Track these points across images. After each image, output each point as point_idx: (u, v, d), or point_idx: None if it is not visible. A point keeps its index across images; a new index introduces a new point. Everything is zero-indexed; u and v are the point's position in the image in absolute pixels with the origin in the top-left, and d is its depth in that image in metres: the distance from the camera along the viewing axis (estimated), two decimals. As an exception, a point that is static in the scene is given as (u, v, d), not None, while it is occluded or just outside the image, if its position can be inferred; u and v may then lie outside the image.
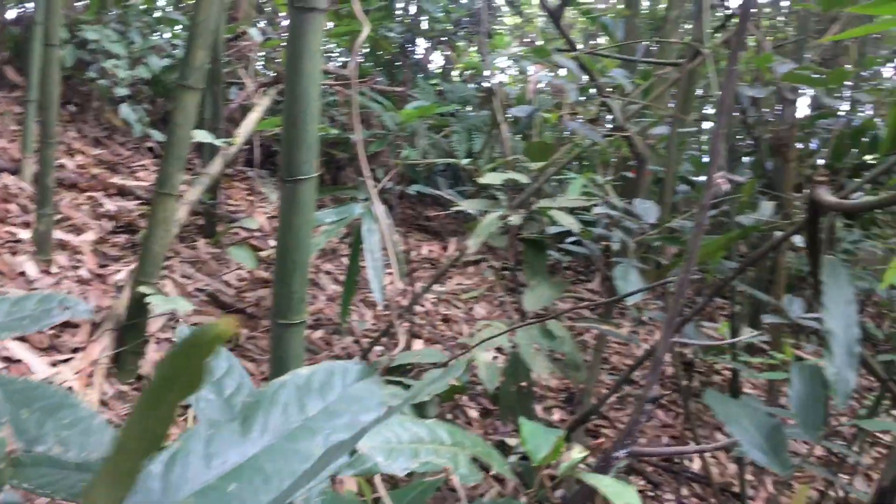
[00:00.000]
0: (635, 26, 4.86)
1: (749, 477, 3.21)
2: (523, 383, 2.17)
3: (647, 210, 2.16)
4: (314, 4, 1.60)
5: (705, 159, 6.01)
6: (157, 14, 5.05)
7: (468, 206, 2.28)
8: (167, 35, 4.87)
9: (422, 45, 6.25)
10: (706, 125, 5.82)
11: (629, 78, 2.57)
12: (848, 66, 4.71)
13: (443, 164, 4.84)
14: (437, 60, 6.46)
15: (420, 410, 1.91)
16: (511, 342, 2.08)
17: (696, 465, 3.09)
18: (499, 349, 2.72)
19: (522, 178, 2.27)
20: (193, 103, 2.33)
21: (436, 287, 4.12)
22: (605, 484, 0.83)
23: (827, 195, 1.63)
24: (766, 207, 1.95)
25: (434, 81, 5.73)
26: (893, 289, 2.92)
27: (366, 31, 1.53)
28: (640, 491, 2.88)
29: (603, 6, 7.90)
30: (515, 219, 2.20)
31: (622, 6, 5.54)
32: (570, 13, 6.80)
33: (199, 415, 0.85)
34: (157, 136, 4.08)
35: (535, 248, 2.24)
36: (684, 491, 2.95)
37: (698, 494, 2.98)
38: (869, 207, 1.47)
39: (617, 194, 2.84)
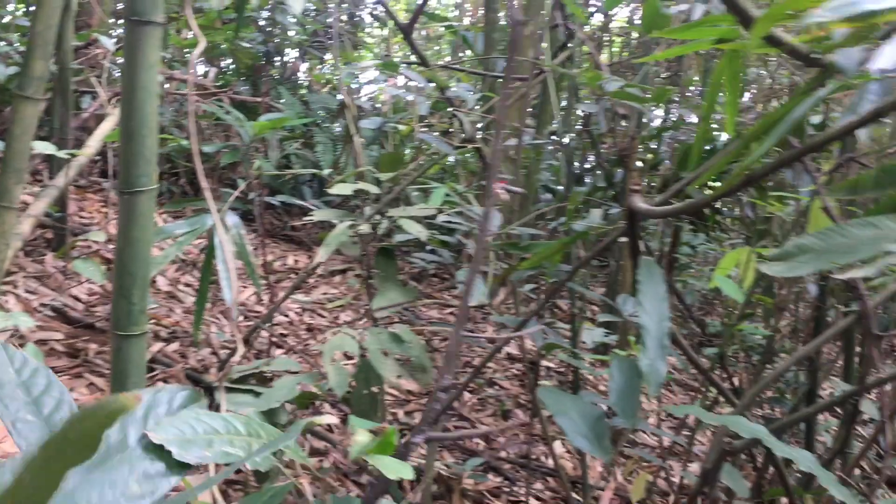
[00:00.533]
0: (494, 41, 5.03)
1: (600, 469, 3.41)
2: (376, 387, 2.23)
3: (489, 217, 2.27)
4: (150, 17, 1.61)
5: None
6: (5, 20, 4.83)
7: (320, 215, 2.33)
8: (14, 42, 4.66)
9: (291, 55, 6.24)
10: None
11: (472, 92, 2.69)
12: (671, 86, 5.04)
13: (309, 175, 4.86)
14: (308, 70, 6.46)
15: (269, 417, 1.94)
16: (361, 347, 2.14)
17: (551, 462, 3.24)
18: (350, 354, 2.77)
19: (373, 189, 2.34)
20: (33, 114, 2.28)
21: (301, 297, 4.13)
22: (383, 463, 0.90)
23: (640, 203, 1.78)
24: (595, 215, 2.10)
25: (302, 92, 5.73)
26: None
27: (202, 44, 1.56)
28: (496, 487, 3.00)
29: (469, 20, 8.13)
30: (365, 227, 2.27)
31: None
32: (437, 26, 6.95)
33: (16, 439, 0.85)
34: (2, 146, 3.90)
35: (386, 256, 2.31)
36: (538, 485, 3.09)
37: (552, 488, 3.13)
38: (674, 213, 1.62)
39: (479, 203, 2.96)
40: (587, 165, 4.60)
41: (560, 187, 5.87)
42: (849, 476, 2.42)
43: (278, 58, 5.84)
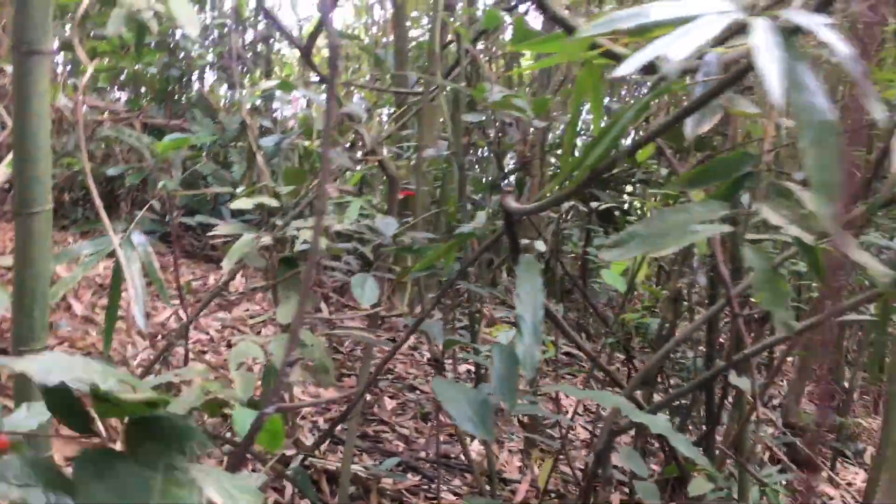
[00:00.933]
0: (406, 57, 5.19)
1: (518, 463, 3.56)
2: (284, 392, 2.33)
3: (387, 225, 2.41)
4: (38, 48, 1.70)
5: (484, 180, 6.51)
6: None
7: (224, 229, 2.43)
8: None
9: (209, 78, 6.31)
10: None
11: (367, 107, 2.83)
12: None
13: (228, 195, 4.92)
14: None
15: (177, 424, 2.02)
16: (267, 353, 2.24)
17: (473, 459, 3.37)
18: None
19: (273, 202, 2.45)
20: (-67, 144, 2.33)
21: (221, 314, 4.20)
22: (239, 412, 1.01)
23: (512, 203, 1.94)
24: (481, 216, 2.25)
25: (221, 113, 5.79)
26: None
27: (90, 69, 1.65)
28: (415, 485, 3.12)
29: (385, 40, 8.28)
30: (267, 239, 2.37)
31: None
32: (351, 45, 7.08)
33: None
34: None
35: (287, 265, 2.42)
36: (457, 481, 3.22)
37: (470, 484, 3.26)
38: (538, 209, 1.78)
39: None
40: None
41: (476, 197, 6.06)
42: (737, 448, 2.61)
43: (193, 81, 5.91)
